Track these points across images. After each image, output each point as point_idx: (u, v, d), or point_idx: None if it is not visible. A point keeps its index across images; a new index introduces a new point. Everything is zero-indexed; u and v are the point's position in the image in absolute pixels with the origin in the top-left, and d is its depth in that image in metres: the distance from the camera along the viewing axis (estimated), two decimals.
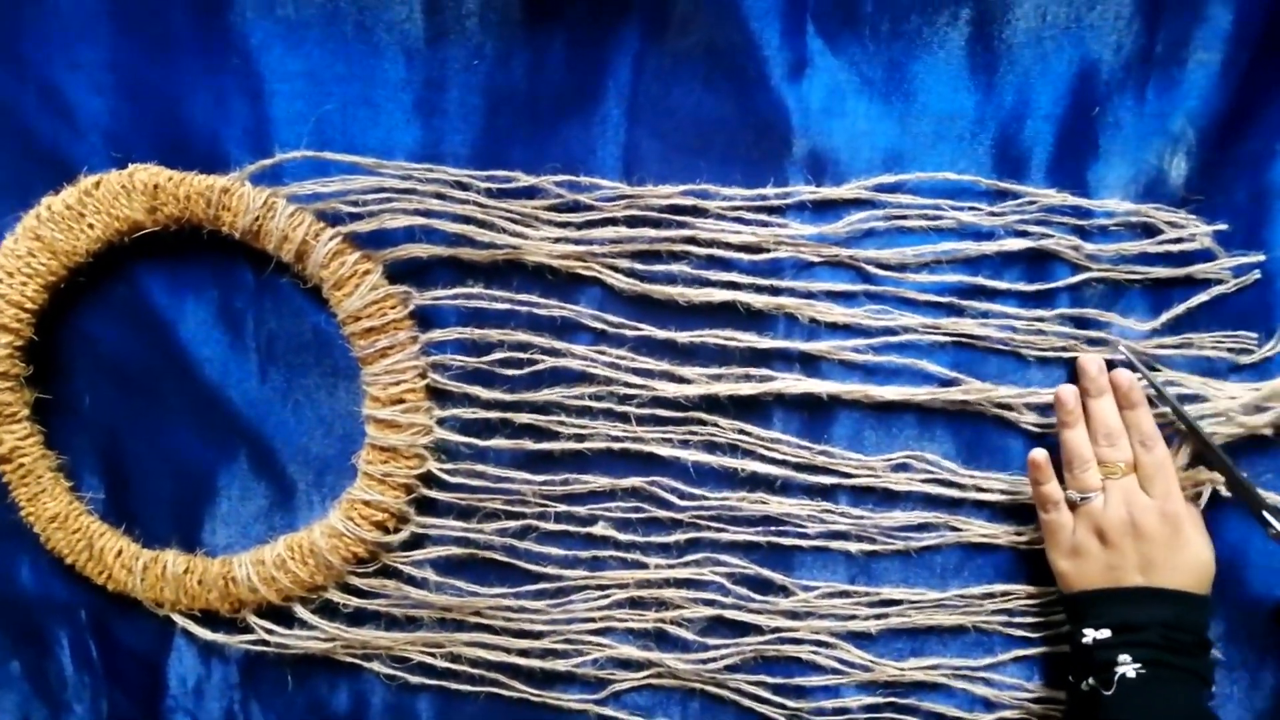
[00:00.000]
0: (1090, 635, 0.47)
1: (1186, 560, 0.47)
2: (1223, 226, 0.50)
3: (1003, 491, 0.52)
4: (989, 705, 0.54)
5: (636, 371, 0.52)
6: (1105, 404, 0.49)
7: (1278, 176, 0.50)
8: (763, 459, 0.52)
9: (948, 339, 0.51)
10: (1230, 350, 0.51)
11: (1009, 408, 0.52)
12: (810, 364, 0.52)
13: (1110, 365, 0.50)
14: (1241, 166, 0.50)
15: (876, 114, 0.50)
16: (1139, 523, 0.47)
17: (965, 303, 0.51)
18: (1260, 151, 0.50)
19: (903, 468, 0.53)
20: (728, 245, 0.51)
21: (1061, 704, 0.53)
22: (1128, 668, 0.45)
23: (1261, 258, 0.50)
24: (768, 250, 0.51)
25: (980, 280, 0.51)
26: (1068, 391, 0.49)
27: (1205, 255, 0.51)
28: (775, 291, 0.51)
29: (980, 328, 0.51)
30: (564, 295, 0.52)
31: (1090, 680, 0.47)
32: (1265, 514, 0.47)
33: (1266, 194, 0.50)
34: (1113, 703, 0.45)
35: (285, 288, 0.53)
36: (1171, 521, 0.47)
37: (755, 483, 0.53)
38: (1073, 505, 0.49)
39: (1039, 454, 0.49)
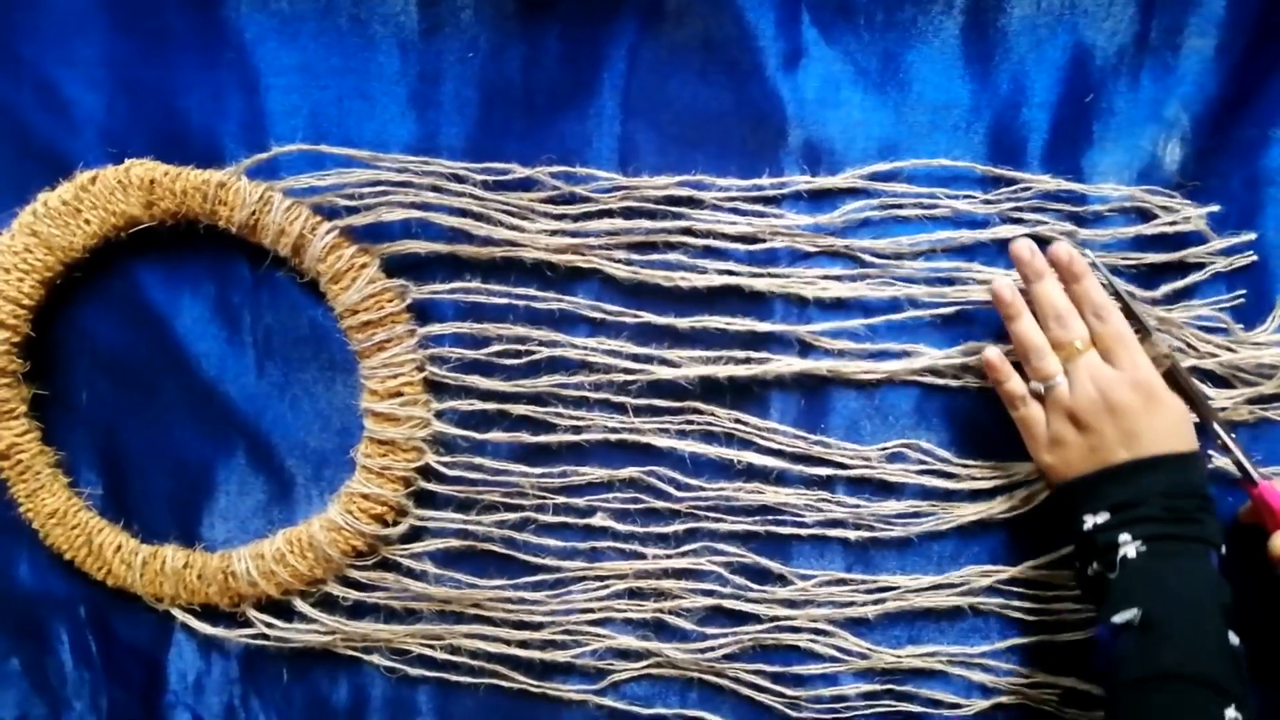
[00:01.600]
0: (1089, 521, 0.45)
1: (1167, 423, 0.45)
2: (1215, 208, 0.50)
3: (997, 480, 0.52)
4: (986, 691, 0.54)
5: (634, 358, 0.52)
6: (1048, 286, 0.47)
7: (1272, 162, 0.50)
8: (759, 449, 0.52)
9: (948, 311, 0.51)
10: (1223, 309, 0.51)
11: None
12: (808, 351, 0.52)
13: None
14: (1236, 152, 0.50)
15: (871, 104, 0.50)
16: (1110, 398, 0.45)
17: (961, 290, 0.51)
18: (1254, 138, 0.50)
19: (898, 457, 0.53)
20: (724, 236, 0.51)
21: (1059, 689, 0.53)
22: (1129, 547, 0.43)
23: (1253, 236, 0.50)
24: (763, 240, 0.51)
25: (976, 267, 0.51)
26: (1002, 284, 0.47)
27: (1199, 240, 0.51)
28: (774, 276, 0.51)
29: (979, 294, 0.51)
30: (561, 289, 0.52)
31: (1095, 565, 0.45)
32: (1215, 425, 0.47)
33: (1260, 180, 0.50)
34: (1118, 585, 0.43)
35: (282, 282, 0.53)
36: (1143, 388, 0.45)
37: (752, 472, 0.53)
38: (1040, 396, 0.47)
39: (992, 353, 0.48)
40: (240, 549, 0.54)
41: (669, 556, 0.53)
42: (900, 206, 0.51)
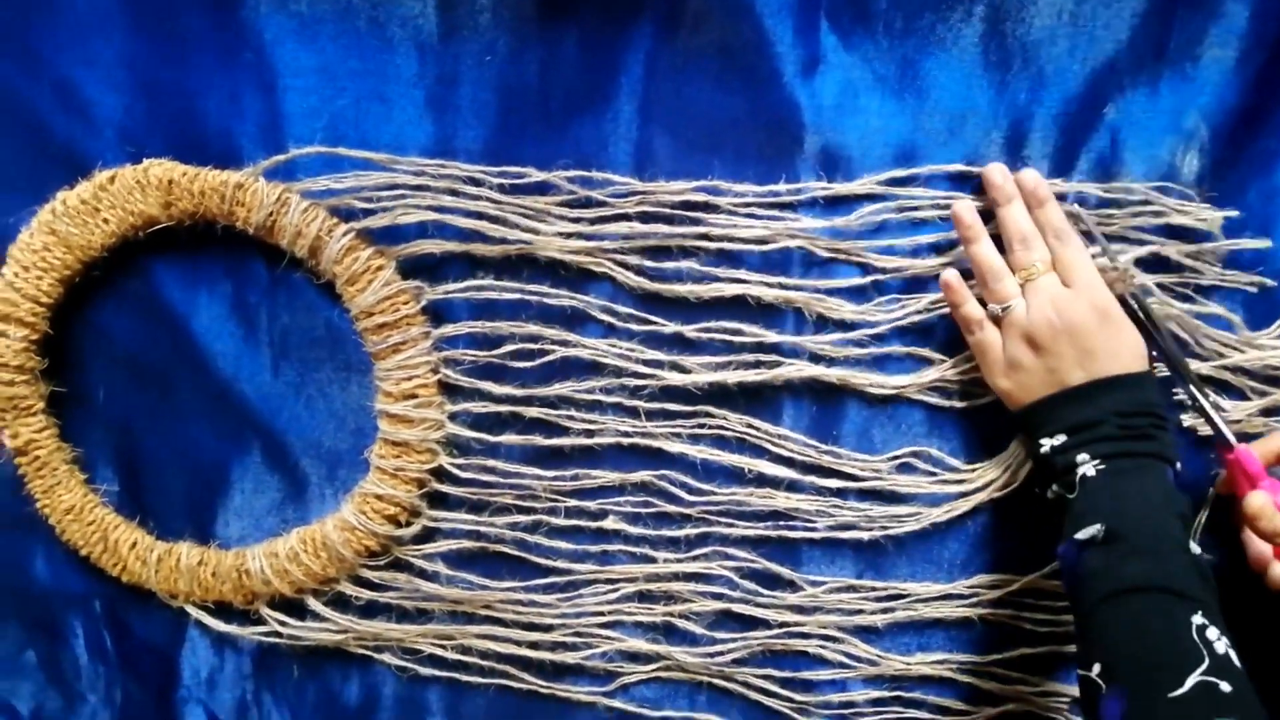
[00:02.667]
0: (1047, 444, 0.46)
1: (1122, 343, 0.45)
2: (1233, 213, 0.50)
3: (1005, 484, 0.52)
4: (994, 699, 0.54)
5: (646, 362, 0.52)
6: (1015, 209, 0.47)
7: None
8: (770, 456, 0.53)
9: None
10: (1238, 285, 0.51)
11: None
12: (819, 359, 0.52)
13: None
14: (1254, 164, 0.50)
15: (889, 111, 0.50)
16: (1067, 318, 0.45)
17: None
18: (1273, 149, 0.50)
19: (907, 468, 0.53)
20: (739, 240, 0.51)
21: (1067, 698, 0.53)
22: (1087, 467, 0.44)
23: (1267, 243, 0.50)
24: (777, 242, 0.51)
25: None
26: (963, 206, 0.48)
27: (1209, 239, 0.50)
28: (784, 287, 0.51)
29: None
30: (574, 287, 0.52)
31: (1055, 488, 0.46)
32: (1193, 387, 0.48)
33: (1278, 192, 0.50)
34: (1078, 504, 0.44)
35: (299, 283, 0.53)
36: (1099, 308, 0.45)
37: (763, 479, 0.53)
38: (997, 320, 0.47)
39: (949, 274, 0.48)
40: (254, 547, 0.55)
41: (679, 560, 0.54)
42: (917, 209, 0.51)
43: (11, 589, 0.57)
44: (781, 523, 0.53)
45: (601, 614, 0.54)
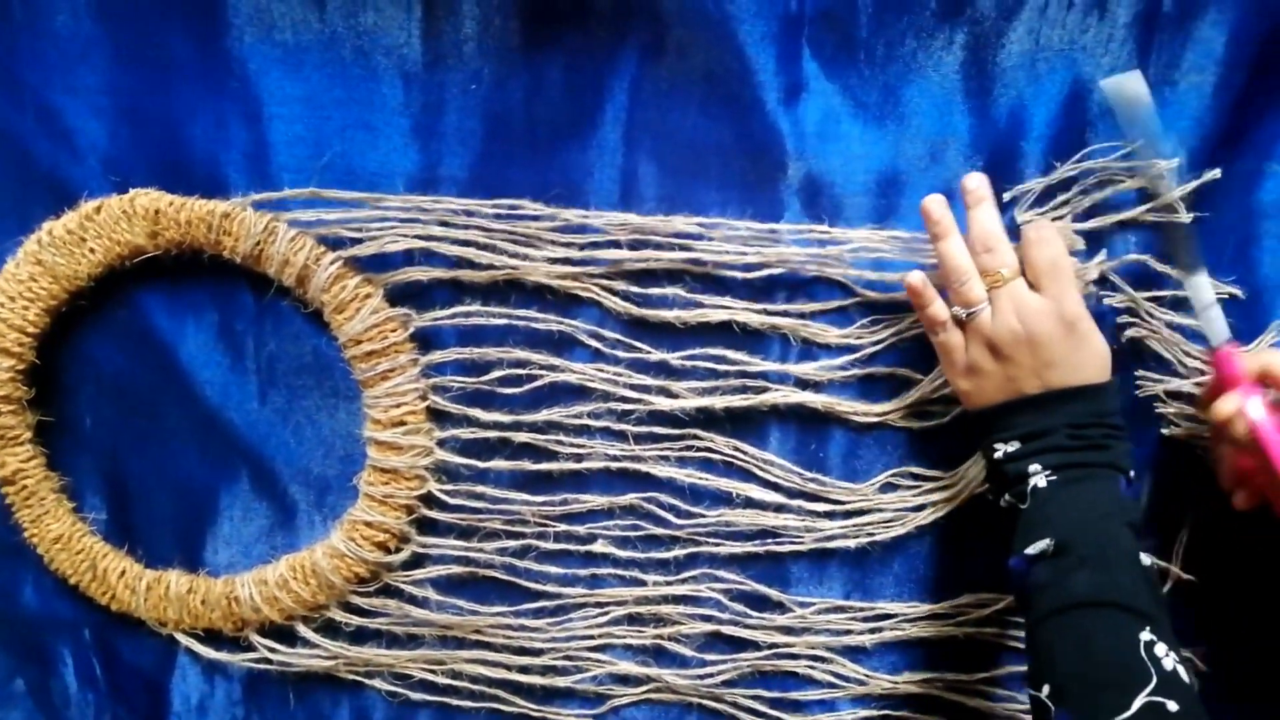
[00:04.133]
0: (1000, 449, 0.45)
1: (1085, 356, 0.44)
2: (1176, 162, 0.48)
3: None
4: (981, 716, 0.55)
5: (633, 386, 0.52)
6: (984, 211, 0.46)
7: (1267, 196, 0.51)
8: (757, 480, 0.53)
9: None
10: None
11: None
12: (804, 385, 0.53)
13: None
14: (1232, 186, 0.50)
15: (871, 137, 0.51)
16: (1031, 328, 0.44)
17: None
18: (1251, 172, 0.50)
19: (890, 488, 0.53)
20: (727, 266, 0.51)
21: None
22: (1038, 478, 0.44)
23: (1216, 174, 0.49)
24: (767, 267, 0.51)
25: None
26: (933, 201, 0.47)
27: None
28: (769, 313, 0.52)
29: None
30: (561, 312, 0.52)
31: (1007, 496, 0.45)
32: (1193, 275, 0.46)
33: (1256, 214, 0.51)
34: (1028, 516, 0.44)
35: (286, 311, 0.53)
36: (1066, 320, 0.44)
37: (750, 501, 0.53)
38: (961, 323, 0.47)
39: (915, 276, 0.47)
40: (243, 574, 0.55)
41: (669, 583, 0.54)
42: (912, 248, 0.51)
43: (1, 617, 0.57)
44: (769, 540, 0.53)
45: (591, 637, 0.55)
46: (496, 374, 0.52)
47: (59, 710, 0.58)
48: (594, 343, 0.52)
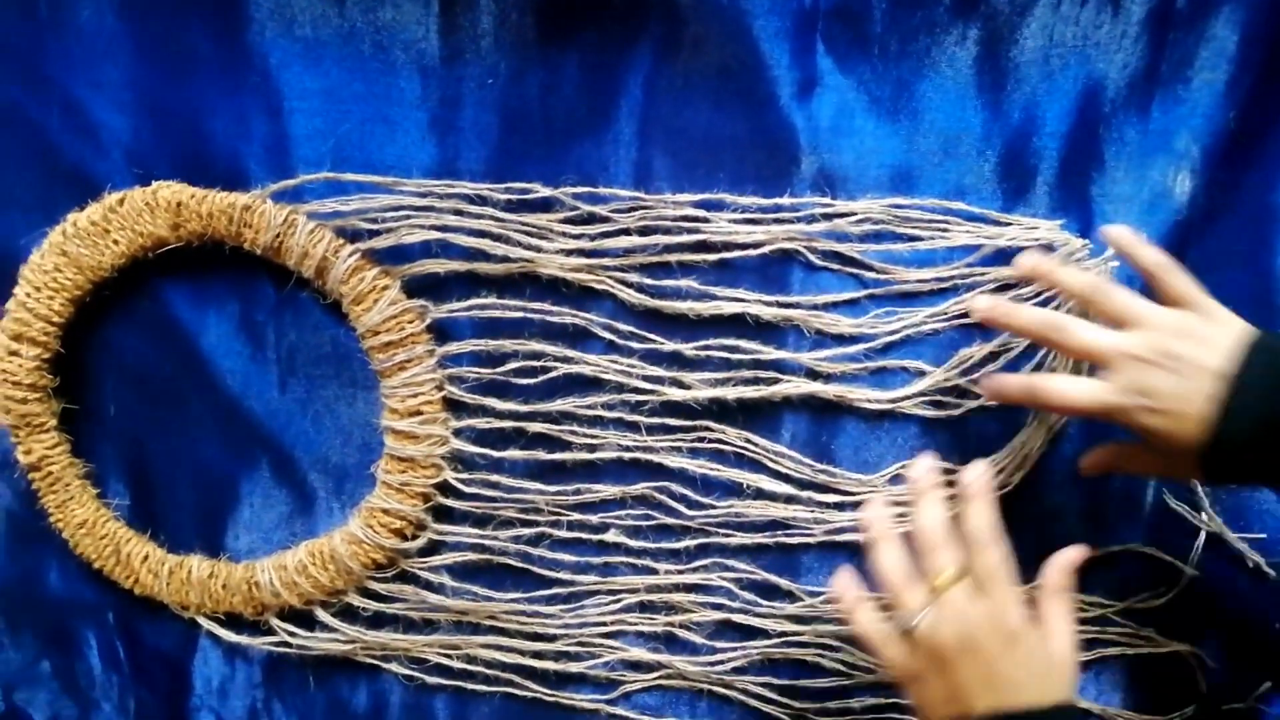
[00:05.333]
0: None
1: (1031, 670, 0.41)
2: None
3: (1000, 486, 0.53)
4: None
5: (647, 378, 0.53)
6: (927, 506, 0.44)
7: None
8: (768, 472, 0.54)
9: (949, 325, 0.52)
10: None
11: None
12: (816, 375, 0.53)
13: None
14: (1246, 185, 0.51)
15: (884, 132, 0.51)
16: (971, 639, 0.41)
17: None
18: (1264, 171, 0.50)
19: (899, 480, 0.54)
20: (737, 246, 0.51)
21: None
22: None
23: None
24: (776, 245, 0.51)
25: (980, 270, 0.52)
26: (870, 515, 0.46)
27: None
28: (783, 305, 0.52)
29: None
30: (576, 304, 0.53)
31: None
32: None
33: (1270, 214, 0.51)
34: None
35: (305, 302, 0.54)
36: (1003, 631, 0.41)
37: (761, 492, 0.54)
38: (906, 630, 0.43)
39: (842, 581, 0.45)
40: (263, 560, 0.56)
41: (680, 571, 0.55)
42: (915, 225, 0.51)
43: (27, 600, 0.58)
44: (779, 531, 0.54)
45: (604, 624, 0.55)
46: (512, 365, 0.53)
47: (84, 692, 0.59)
48: (608, 334, 0.53)
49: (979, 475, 0.44)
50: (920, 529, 0.44)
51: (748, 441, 0.54)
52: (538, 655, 0.56)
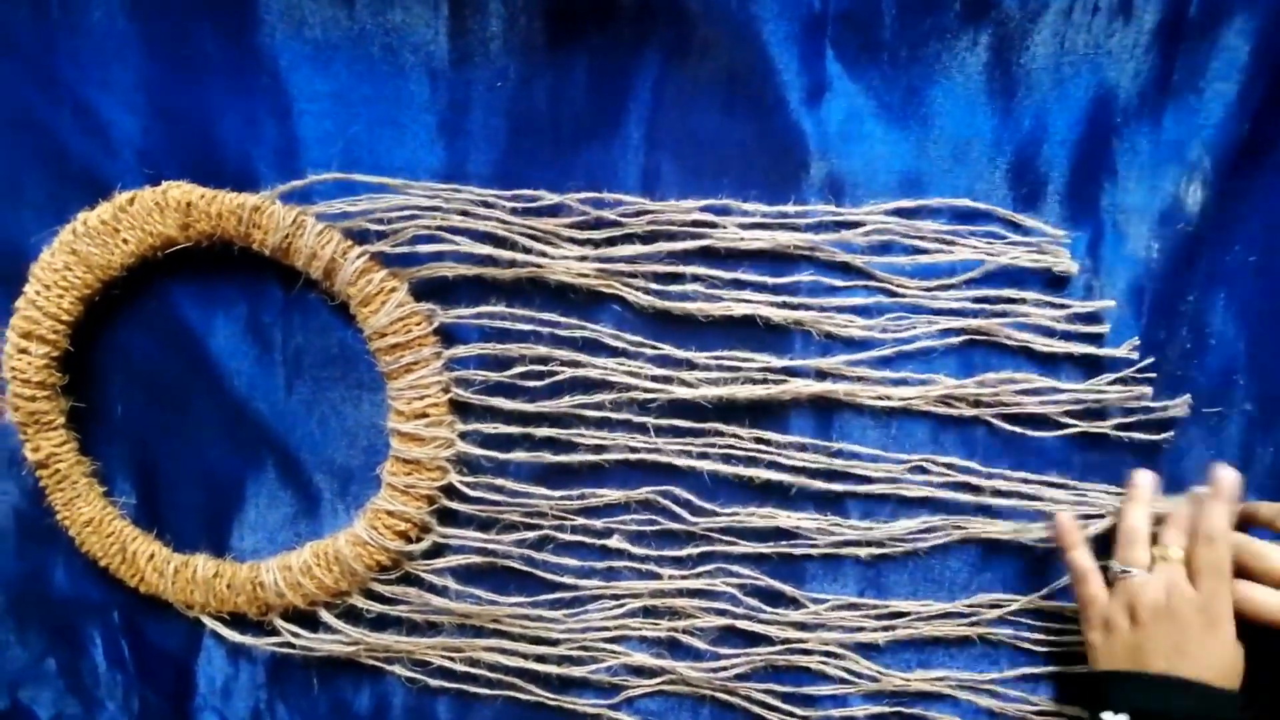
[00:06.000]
0: (1108, 717, 0.46)
1: (1218, 653, 0.45)
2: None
3: (1021, 495, 0.53)
4: (993, 716, 0.55)
5: (654, 378, 0.53)
6: (1214, 506, 0.47)
7: None
8: (779, 466, 0.53)
9: (961, 339, 0.52)
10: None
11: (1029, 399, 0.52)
12: (825, 376, 0.53)
13: None
14: (1257, 195, 0.50)
15: (894, 138, 0.51)
16: (1175, 608, 0.46)
17: (980, 305, 0.52)
18: (1276, 180, 0.50)
19: (920, 470, 0.53)
20: (744, 254, 0.51)
21: (1065, 718, 0.54)
22: None
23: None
24: (785, 254, 0.51)
25: (997, 291, 0.52)
26: (1142, 477, 0.50)
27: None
28: (792, 307, 0.52)
29: (997, 325, 0.51)
30: (584, 313, 0.53)
31: None
32: None
33: None
34: None
35: (313, 303, 0.54)
36: (1209, 615, 0.45)
37: (767, 495, 0.54)
38: (1110, 579, 0.48)
39: (1065, 517, 0.50)
40: (268, 560, 0.56)
41: (684, 577, 0.55)
42: (922, 238, 0.51)
43: (33, 598, 0.59)
44: (783, 542, 0.54)
45: (607, 629, 0.55)
46: (519, 369, 0.53)
47: (89, 690, 0.59)
48: (616, 343, 0.53)
49: (1229, 477, 0.48)
50: (1175, 515, 0.48)
51: (759, 442, 0.53)
52: (540, 659, 0.56)
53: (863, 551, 0.54)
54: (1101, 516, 0.52)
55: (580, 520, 0.54)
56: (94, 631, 0.59)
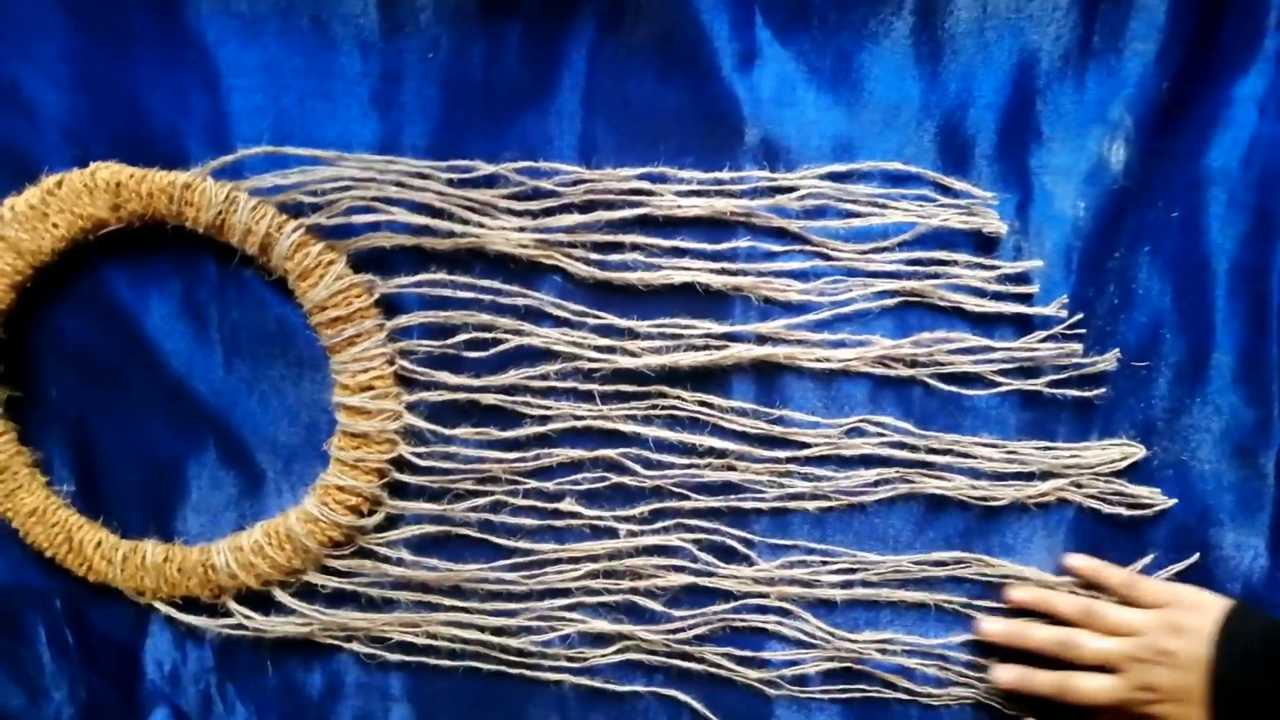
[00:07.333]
0: None
1: None
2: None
3: (955, 453, 0.54)
4: (939, 682, 0.55)
5: (598, 347, 0.53)
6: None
7: (1213, 163, 0.52)
8: (722, 432, 0.54)
9: (896, 301, 0.53)
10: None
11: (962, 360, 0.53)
12: (766, 343, 0.54)
13: None
14: (1179, 154, 0.52)
15: (825, 103, 0.52)
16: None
17: (913, 268, 0.53)
18: (1196, 140, 0.52)
19: (857, 432, 0.54)
20: (681, 221, 0.52)
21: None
22: None
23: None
24: (722, 220, 0.51)
25: (930, 253, 0.53)
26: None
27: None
28: (730, 273, 0.53)
29: (930, 286, 0.52)
30: (525, 282, 0.53)
31: None
32: None
33: (1202, 181, 0.52)
34: None
35: (249, 279, 0.54)
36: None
37: (714, 451, 0.54)
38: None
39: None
40: (219, 542, 0.55)
41: (639, 534, 0.54)
42: (855, 202, 0.52)
43: None
44: (733, 496, 0.54)
45: (567, 592, 0.55)
46: (462, 337, 0.53)
47: (33, 679, 0.58)
48: (558, 312, 0.53)
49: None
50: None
51: (702, 404, 0.54)
52: (498, 631, 0.55)
53: (811, 505, 0.54)
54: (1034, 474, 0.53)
55: (533, 483, 0.54)
56: (36, 620, 0.58)
